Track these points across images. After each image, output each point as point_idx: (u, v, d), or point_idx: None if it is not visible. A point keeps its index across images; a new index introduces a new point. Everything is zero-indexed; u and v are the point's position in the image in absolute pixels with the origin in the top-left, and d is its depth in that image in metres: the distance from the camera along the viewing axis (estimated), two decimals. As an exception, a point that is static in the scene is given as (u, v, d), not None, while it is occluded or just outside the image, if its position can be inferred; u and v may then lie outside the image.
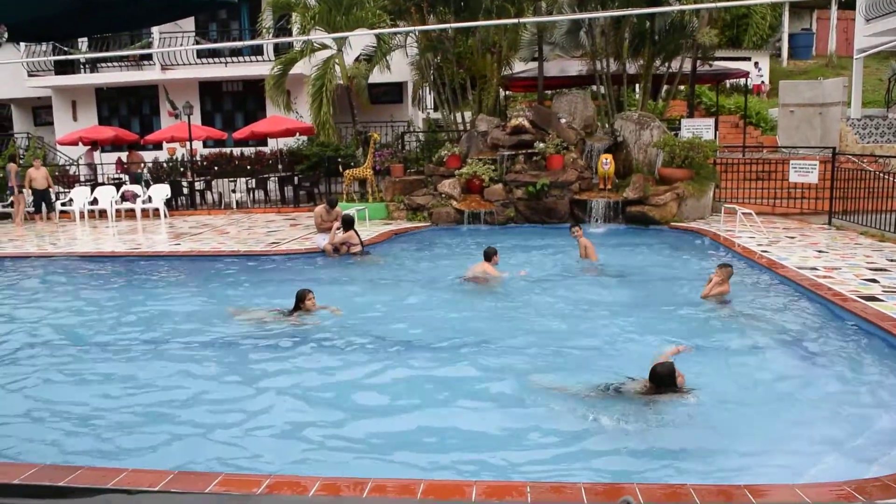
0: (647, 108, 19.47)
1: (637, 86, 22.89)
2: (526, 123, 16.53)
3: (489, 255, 10.23)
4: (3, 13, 3.31)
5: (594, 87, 21.24)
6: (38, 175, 19.32)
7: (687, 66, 19.78)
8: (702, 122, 18.37)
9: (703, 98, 26.09)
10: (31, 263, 13.18)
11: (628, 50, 19.49)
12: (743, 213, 13.56)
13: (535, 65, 21.04)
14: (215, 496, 3.89)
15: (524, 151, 16.29)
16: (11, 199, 19.76)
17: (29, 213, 19.77)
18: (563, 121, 16.94)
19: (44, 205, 19.60)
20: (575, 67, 21.68)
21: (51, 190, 19.78)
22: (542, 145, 16.14)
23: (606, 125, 18.25)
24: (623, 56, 19.35)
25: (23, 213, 19.37)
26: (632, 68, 19.91)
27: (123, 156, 23.00)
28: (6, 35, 3.43)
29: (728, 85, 28.58)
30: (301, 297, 8.26)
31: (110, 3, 3.30)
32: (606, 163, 15.51)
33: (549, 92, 21.03)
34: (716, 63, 22.12)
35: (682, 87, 23.71)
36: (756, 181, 16.04)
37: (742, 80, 25.61)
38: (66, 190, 20.98)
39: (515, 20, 11.24)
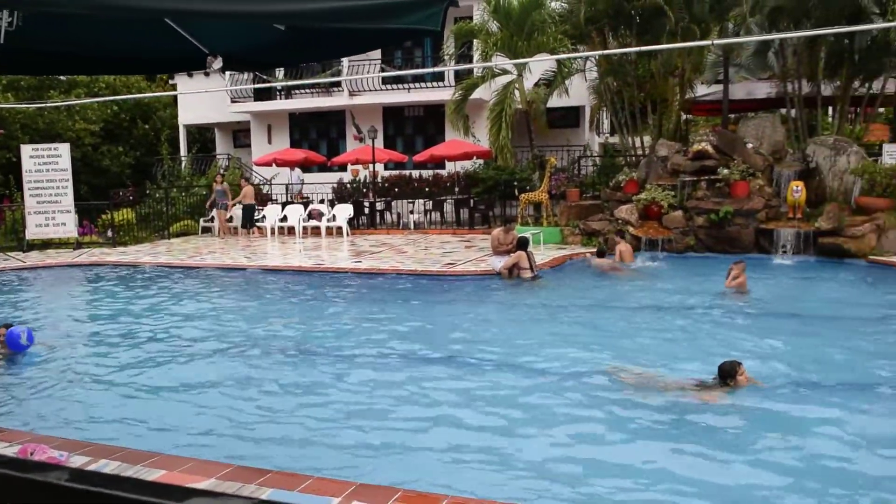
0: (843, 132, 18.21)
1: (831, 109, 21.49)
2: (709, 148, 15.95)
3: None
4: (220, 44, 3.66)
5: (783, 111, 20.14)
6: (249, 192, 20.98)
7: (890, 88, 18.32)
8: (907, 148, 16.93)
9: (907, 121, 24.04)
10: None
11: (823, 71, 18.32)
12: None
13: (719, 87, 20.27)
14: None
15: (706, 178, 15.73)
16: (212, 214, 21.54)
17: (233, 227, 21.44)
18: (749, 146, 16.22)
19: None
20: (763, 90, 20.71)
21: (255, 206, 21.38)
22: (726, 171, 15.51)
23: (796, 151, 17.25)
24: (817, 77, 18.22)
25: (224, 226, 21.08)
26: (827, 90, 18.72)
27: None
28: (221, 64, 3.78)
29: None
30: (731, 372, 6.71)
31: (317, 37, 3.55)
32: (797, 190, 14.62)
33: (733, 115, 20.17)
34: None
35: (881, 110, 21.98)
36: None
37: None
38: (260, 207, 22.62)
39: (702, 43, 10.81)
